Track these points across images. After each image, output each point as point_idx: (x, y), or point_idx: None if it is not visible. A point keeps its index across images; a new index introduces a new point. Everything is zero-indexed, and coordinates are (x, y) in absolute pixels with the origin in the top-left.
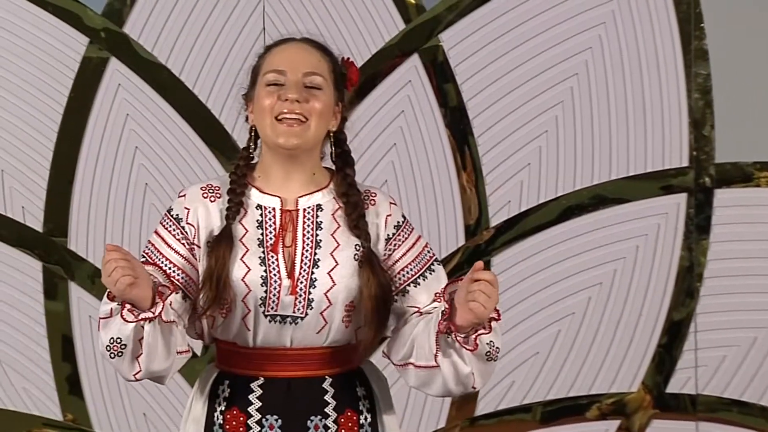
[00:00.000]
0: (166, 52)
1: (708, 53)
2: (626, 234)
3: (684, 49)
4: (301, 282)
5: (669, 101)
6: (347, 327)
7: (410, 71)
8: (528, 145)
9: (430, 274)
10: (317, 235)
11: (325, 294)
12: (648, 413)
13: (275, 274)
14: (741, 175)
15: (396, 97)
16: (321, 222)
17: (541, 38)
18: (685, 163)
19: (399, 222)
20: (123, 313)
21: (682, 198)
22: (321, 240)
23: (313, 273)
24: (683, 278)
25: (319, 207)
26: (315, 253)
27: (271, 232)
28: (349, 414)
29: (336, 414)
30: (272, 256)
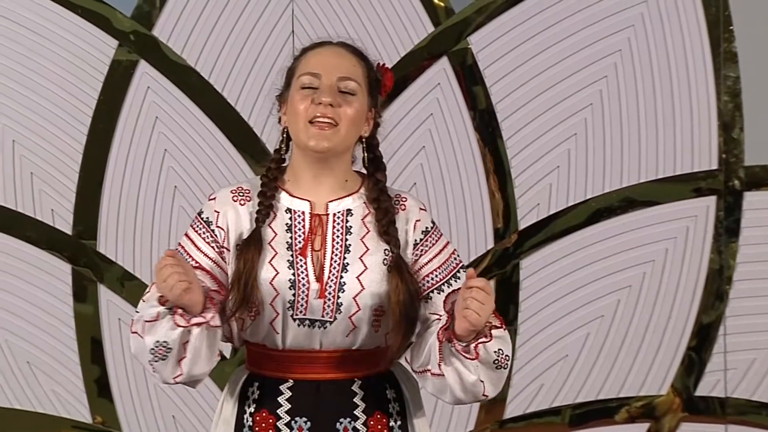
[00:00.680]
0: (195, 55)
1: (737, 56)
2: (655, 237)
3: (713, 51)
4: (330, 286)
5: (698, 104)
6: (376, 331)
7: (439, 74)
8: (557, 148)
9: (455, 281)
10: (347, 239)
11: (353, 298)
12: (677, 416)
13: (303, 278)
14: None
15: (425, 100)
16: (351, 227)
17: (571, 41)
18: (714, 166)
19: (428, 227)
20: (176, 318)
21: (711, 201)
22: (350, 244)
23: (341, 277)
24: (712, 281)
25: (349, 212)
26: (344, 258)
27: (300, 236)
28: (379, 416)
29: (365, 416)
30: (300, 260)
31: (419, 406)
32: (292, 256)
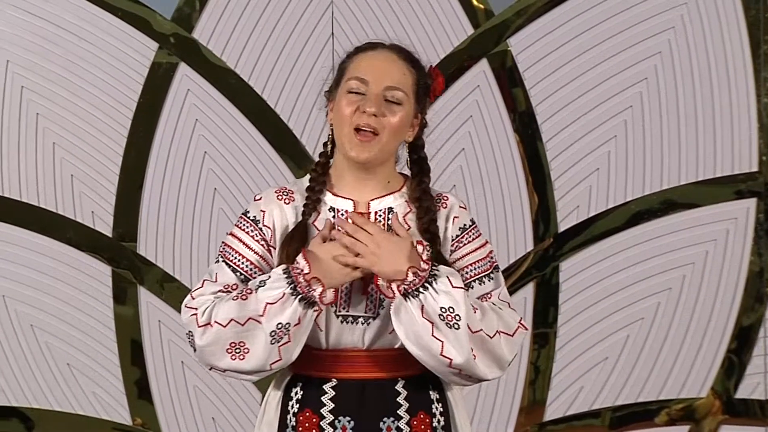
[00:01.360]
0: (235, 57)
1: None
2: (696, 239)
3: (753, 53)
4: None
5: (738, 105)
6: None
7: (479, 76)
8: (597, 150)
9: (488, 281)
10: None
11: None
12: (717, 419)
13: None
14: None
15: (464, 102)
16: (392, 224)
17: (610, 42)
18: (754, 168)
19: (466, 225)
20: (323, 298)
21: (751, 203)
22: None
23: None
24: (753, 283)
25: (390, 210)
26: None
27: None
28: (422, 416)
29: (409, 416)
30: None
31: (462, 408)
32: None
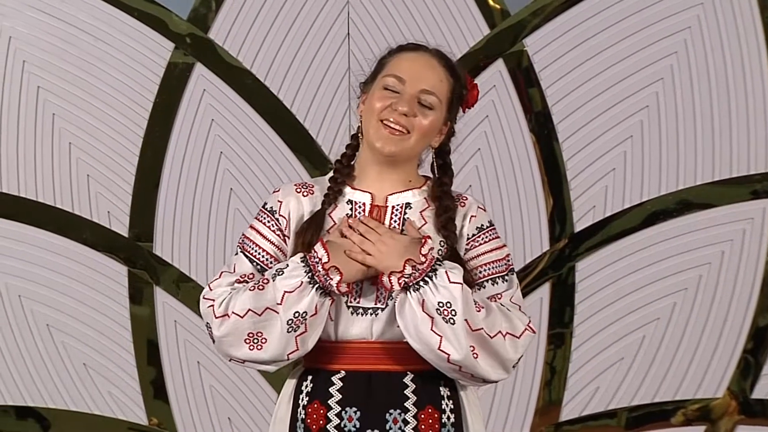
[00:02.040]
0: (251, 58)
1: None
2: (712, 239)
3: None
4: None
5: (754, 106)
6: None
7: (495, 76)
8: (613, 150)
9: (501, 282)
10: (403, 230)
11: None
12: (733, 419)
13: None
14: None
15: (480, 102)
16: (408, 218)
17: (626, 43)
18: None
19: (483, 225)
20: (340, 287)
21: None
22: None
23: None
24: None
25: (408, 205)
26: None
27: None
28: (430, 411)
29: (416, 409)
30: None
31: (476, 408)
32: None
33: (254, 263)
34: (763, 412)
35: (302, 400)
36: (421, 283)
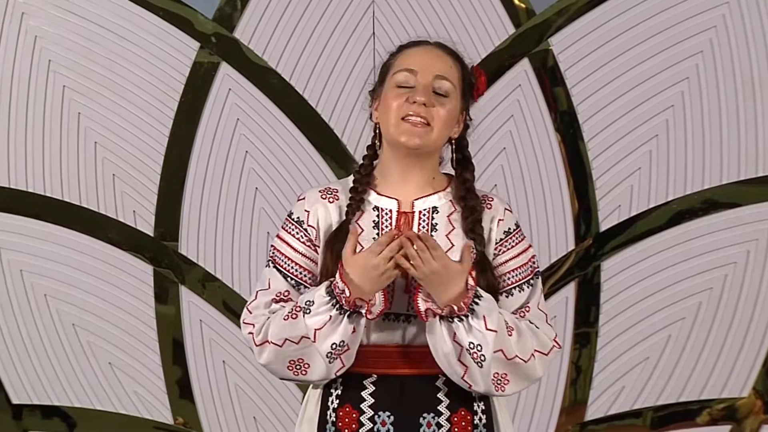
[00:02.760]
0: (276, 57)
1: None
2: (737, 239)
3: None
4: (415, 281)
5: None
6: None
7: (520, 75)
8: (638, 149)
9: (527, 287)
10: (432, 236)
11: None
12: (759, 419)
13: None
14: None
15: (506, 101)
16: (436, 224)
17: (652, 42)
18: None
19: (510, 228)
20: (369, 316)
21: None
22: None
23: None
24: None
25: (435, 209)
26: None
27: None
28: (463, 413)
29: (449, 412)
30: None
31: (505, 408)
32: None
33: (288, 278)
34: None
35: (332, 402)
36: (456, 319)
